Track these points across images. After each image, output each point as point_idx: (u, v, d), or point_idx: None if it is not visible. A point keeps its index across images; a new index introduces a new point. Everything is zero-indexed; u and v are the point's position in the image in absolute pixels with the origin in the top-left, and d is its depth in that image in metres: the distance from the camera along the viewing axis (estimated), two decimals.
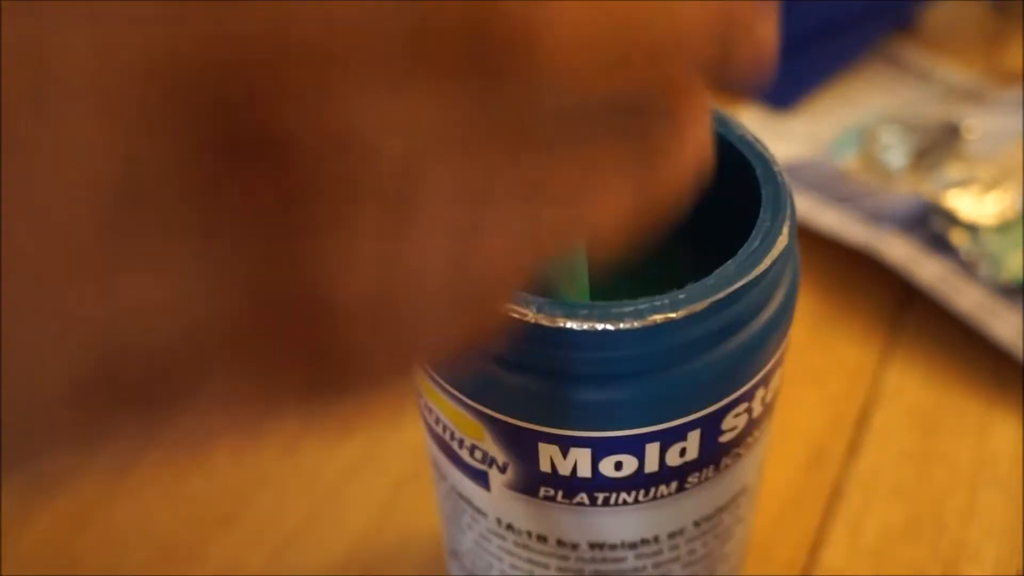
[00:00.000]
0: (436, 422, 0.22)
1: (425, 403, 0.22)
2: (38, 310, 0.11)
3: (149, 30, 0.12)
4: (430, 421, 0.22)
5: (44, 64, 0.12)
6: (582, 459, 0.19)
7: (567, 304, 0.17)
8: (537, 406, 0.19)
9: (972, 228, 0.39)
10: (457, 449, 0.21)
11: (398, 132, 0.10)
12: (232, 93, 0.11)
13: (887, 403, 0.36)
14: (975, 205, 0.40)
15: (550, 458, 0.20)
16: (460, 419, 0.20)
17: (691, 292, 0.17)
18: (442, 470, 0.23)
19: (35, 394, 0.11)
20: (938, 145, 0.43)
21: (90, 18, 0.12)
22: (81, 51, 0.13)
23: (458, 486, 0.23)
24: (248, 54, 0.11)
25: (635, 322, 0.17)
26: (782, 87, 0.48)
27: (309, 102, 0.11)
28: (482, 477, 0.21)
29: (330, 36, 0.10)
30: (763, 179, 0.20)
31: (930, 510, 0.33)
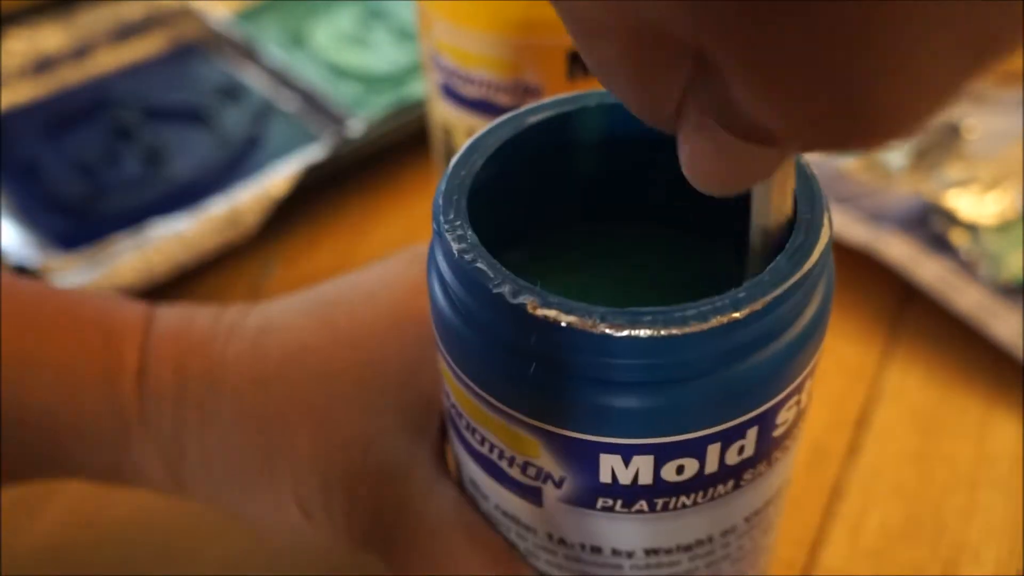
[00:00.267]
0: (482, 443, 0.21)
1: (468, 424, 0.21)
2: None
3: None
4: (474, 443, 0.22)
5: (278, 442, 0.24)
6: (644, 466, 0.19)
7: (631, 312, 0.17)
8: (600, 417, 0.19)
9: (972, 228, 0.39)
10: (507, 468, 0.21)
11: None
12: None
13: (887, 403, 0.36)
14: (975, 205, 0.40)
15: (611, 468, 0.19)
16: (513, 438, 0.20)
17: (750, 290, 0.18)
18: (483, 490, 0.23)
19: None
20: (938, 145, 0.43)
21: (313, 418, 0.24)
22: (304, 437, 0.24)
23: (503, 505, 0.22)
24: None
25: (701, 325, 0.17)
26: None
27: None
28: (534, 493, 0.21)
29: None
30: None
31: (930, 510, 0.33)
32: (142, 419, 0.25)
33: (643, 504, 0.20)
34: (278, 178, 0.42)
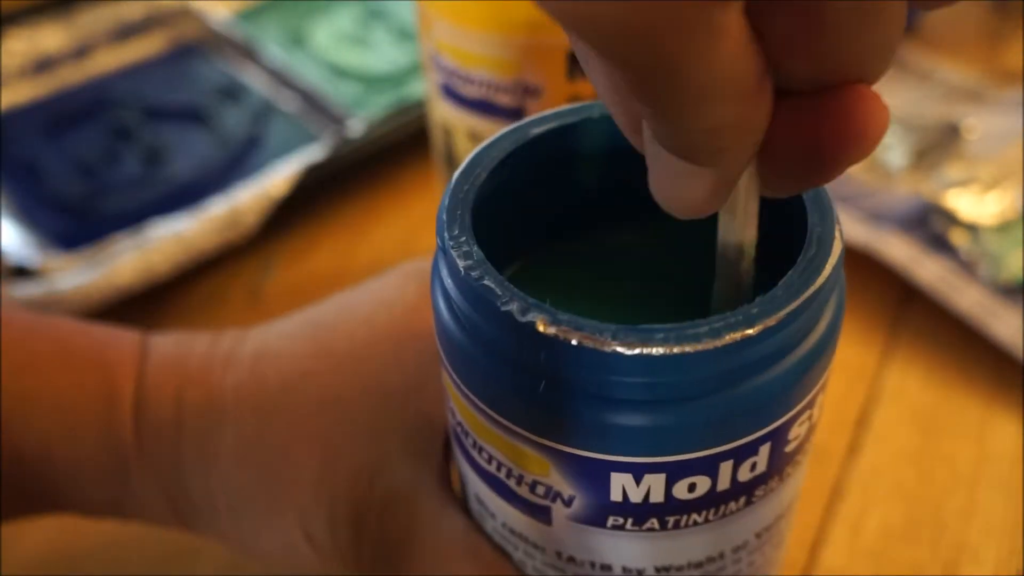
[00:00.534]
0: (489, 461, 0.21)
1: (475, 443, 0.21)
2: None
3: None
4: (480, 461, 0.21)
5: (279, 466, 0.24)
6: (656, 484, 0.19)
7: (643, 330, 0.17)
8: (611, 436, 0.18)
9: (972, 228, 0.39)
10: (515, 487, 0.21)
11: None
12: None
13: (887, 403, 0.36)
14: (975, 205, 0.40)
15: (622, 487, 0.19)
16: (522, 456, 0.20)
17: (763, 306, 0.17)
18: (490, 508, 0.22)
19: None
20: (938, 145, 0.43)
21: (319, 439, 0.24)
22: (309, 469, 0.24)
23: (511, 523, 0.22)
24: None
25: (714, 341, 0.17)
26: None
27: None
28: (543, 512, 0.21)
29: None
30: None
31: (930, 510, 0.33)
32: (141, 454, 0.24)
33: (654, 522, 0.20)
34: (278, 178, 0.42)
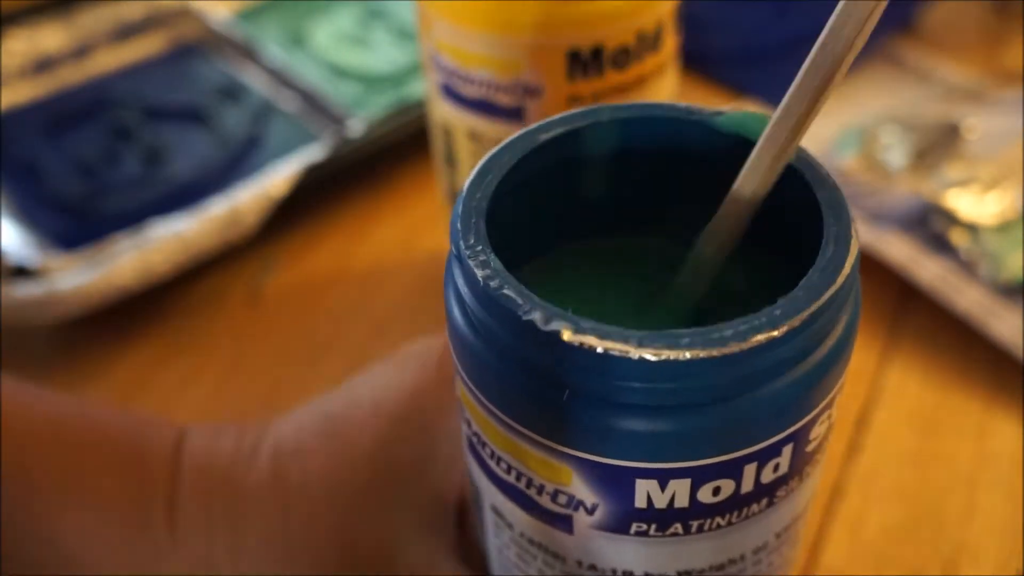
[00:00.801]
0: (508, 471, 0.21)
1: (493, 453, 0.21)
2: None
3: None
4: (499, 471, 0.21)
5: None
6: (681, 490, 0.19)
7: (668, 335, 0.17)
8: (637, 442, 0.18)
9: (972, 228, 0.39)
10: (535, 496, 0.21)
11: None
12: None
13: (887, 403, 0.36)
14: (975, 205, 0.40)
15: (647, 493, 0.19)
16: (543, 465, 0.20)
17: (785, 308, 0.17)
18: (508, 519, 0.22)
19: None
20: (938, 145, 0.43)
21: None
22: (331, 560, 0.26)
23: (529, 533, 0.22)
24: None
25: (740, 344, 0.17)
26: (782, 87, 0.48)
27: None
28: (564, 521, 0.21)
29: None
30: (816, 184, 0.20)
31: (930, 510, 0.33)
32: (174, 545, 0.26)
33: (678, 527, 0.20)
34: (278, 178, 0.42)
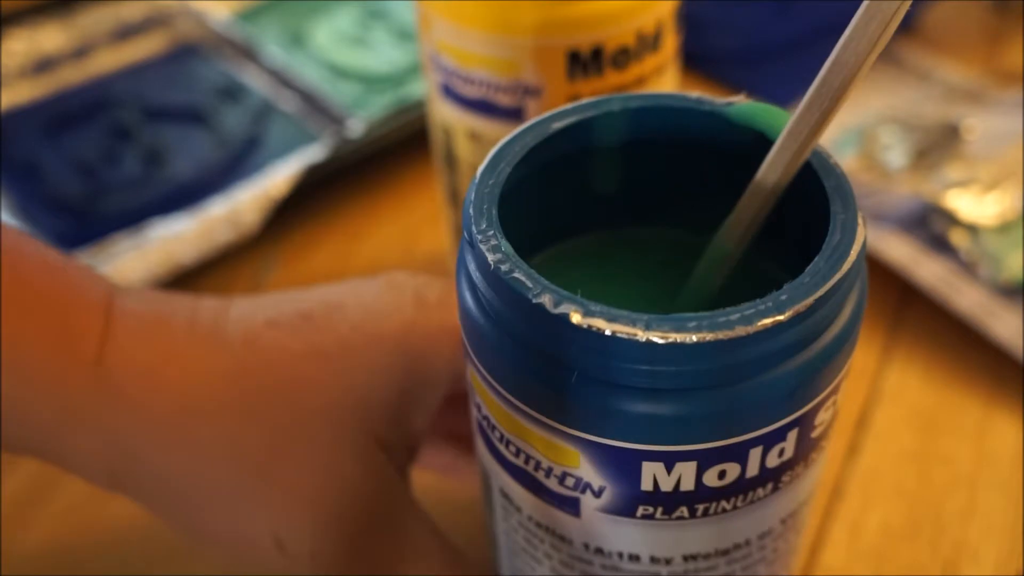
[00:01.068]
0: (517, 454, 0.21)
1: (503, 436, 0.21)
2: None
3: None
4: (508, 454, 0.21)
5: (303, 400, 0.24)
6: (687, 473, 0.19)
7: (676, 318, 0.17)
8: (644, 425, 0.18)
9: (972, 228, 0.39)
10: (543, 479, 0.21)
11: None
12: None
13: (887, 403, 0.36)
14: (975, 205, 0.40)
15: (653, 476, 0.19)
16: (552, 448, 0.20)
17: (792, 292, 0.18)
18: (516, 502, 0.22)
19: None
20: (938, 145, 0.43)
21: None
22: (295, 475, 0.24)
23: (537, 516, 0.22)
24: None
25: (746, 328, 0.17)
26: (782, 87, 0.48)
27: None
28: (572, 504, 0.21)
29: None
30: (822, 172, 0.20)
31: (930, 510, 0.33)
32: (88, 416, 0.23)
33: (684, 510, 0.20)
34: (278, 178, 0.42)
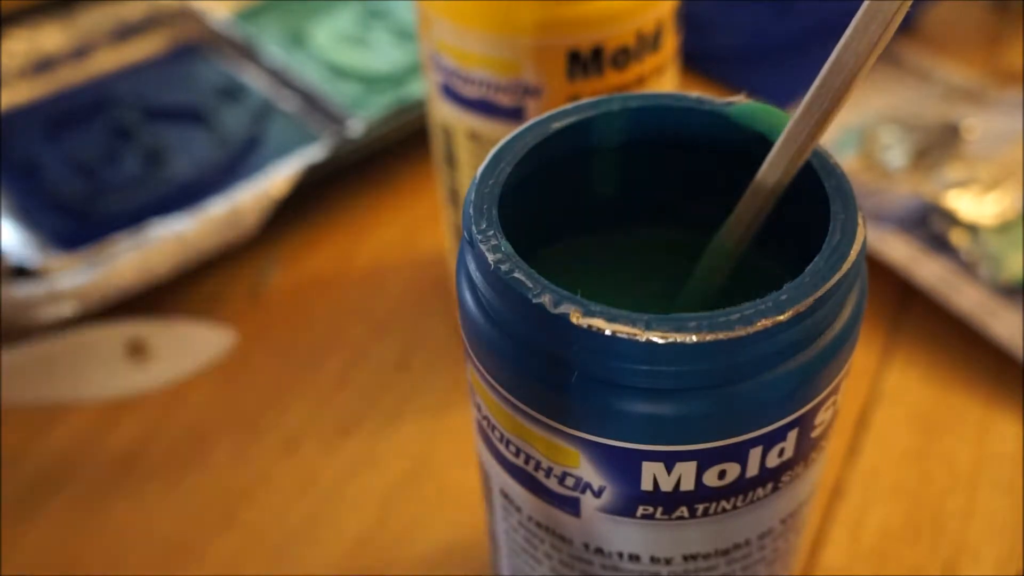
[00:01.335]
0: (517, 454, 0.21)
1: (503, 436, 0.21)
2: None
3: None
4: (508, 454, 0.21)
5: None
6: (687, 472, 0.19)
7: (676, 318, 0.17)
8: (644, 425, 0.18)
9: (972, 228, 0.39)
10: (543, 479, 0.21)
11: None
12: None
13: (887, 403, 0.36)
14: (975, 205, 0.40)
15: (653, 476, 0.19)
16: (552, 448, 0.20)
17: (792, 293, 0.18)
18: (516, 502, 0.22)
19: None
20: (938, 145, 0.43)
21: None
22: None
23: (537, 516, 0.22)
24: None
25: (746, 328, 0.17)
26: (782, 87, 0.48)
27: None
28: (572, 504, 0.21)
29: None
30: (823, 172, 0.20)
31: (930, 510, 0.33)
32: None
33: (684, 510, 0.20)
34: (278, 178, 0.42)
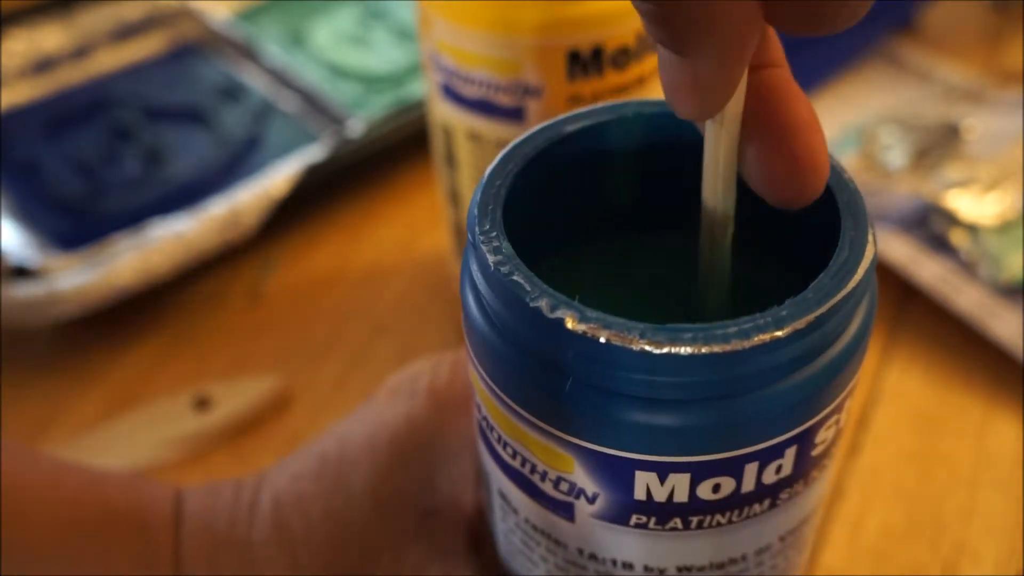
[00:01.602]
0: (513, 456, 0.21)
1: (500, 438, 0.21)
2: None
3: None
4: (505, 456, 0.21)
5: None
6: (680, 484, 0.19)
7: (671, 329, 0.17)
8: (637, 434, 0.18)
9: (972, 228, 0.39)
10: (539, 483, 0.21)
11: None
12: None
13: (887, 403, 0.36)
14: (975, 205, 0.40)
15: (646, 485, 0.19)
16: (547, 452, 0.20)
17: (793, 309, 0.17)
18: (513, 504, 0.22)
19: None
20: (938, 145, 0.43)
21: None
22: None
23: (533, 519, 0.22)
24: None
25: (743, 343, 0.17)
26: None
27: None
28: (566, 509, 0.21)
29: None
30: (836, 187, 0.20)
31: (930, 510, 0.33)
32: None
33: (677, 522, 0.20)
34: (278, 178, 0.42)
